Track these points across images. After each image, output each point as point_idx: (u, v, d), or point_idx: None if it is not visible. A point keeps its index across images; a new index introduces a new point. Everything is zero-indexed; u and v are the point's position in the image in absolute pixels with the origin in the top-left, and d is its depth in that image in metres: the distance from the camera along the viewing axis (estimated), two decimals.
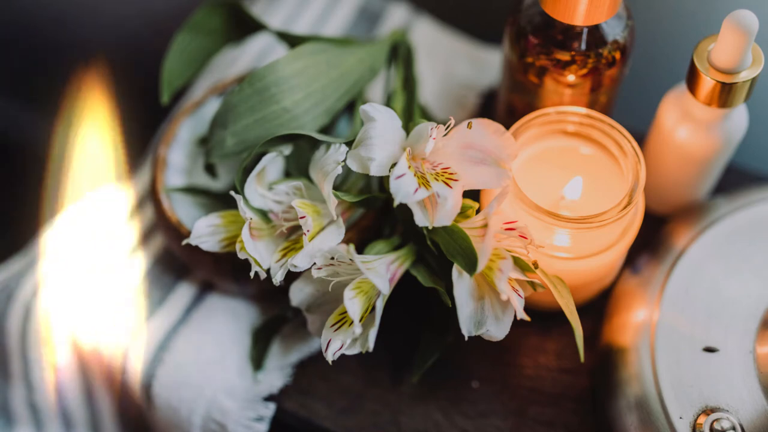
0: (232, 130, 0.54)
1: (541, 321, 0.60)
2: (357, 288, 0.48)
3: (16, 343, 0.63)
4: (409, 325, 0.59)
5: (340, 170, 0.48)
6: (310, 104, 0.55)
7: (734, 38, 0.49)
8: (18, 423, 0.66)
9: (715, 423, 0.49)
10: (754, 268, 0.55)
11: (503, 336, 0.48)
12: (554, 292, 0.49)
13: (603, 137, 0.54)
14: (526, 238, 0.48)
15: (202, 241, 0.52)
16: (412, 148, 0.49)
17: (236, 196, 0.50)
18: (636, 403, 0.53)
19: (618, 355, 0.55)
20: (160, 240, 0.64)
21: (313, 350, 0.59)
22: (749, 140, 0.60)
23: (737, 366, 0.51)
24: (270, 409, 0.57)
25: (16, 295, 0.62)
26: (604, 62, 0.54)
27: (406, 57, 0.65)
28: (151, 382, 0.58)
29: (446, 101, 0.70)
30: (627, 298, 0.58)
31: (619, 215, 0.50)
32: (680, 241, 0.57)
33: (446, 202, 0.46)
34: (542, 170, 0.56)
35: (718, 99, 0.52)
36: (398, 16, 0.75)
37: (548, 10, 0.52)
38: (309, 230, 0.49)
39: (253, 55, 0.72)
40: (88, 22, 0.90)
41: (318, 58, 0.56)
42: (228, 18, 0.60)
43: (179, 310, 0.61)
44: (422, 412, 0.57)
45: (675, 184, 0.60)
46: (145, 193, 0.67)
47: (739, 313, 0.53)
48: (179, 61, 0.60)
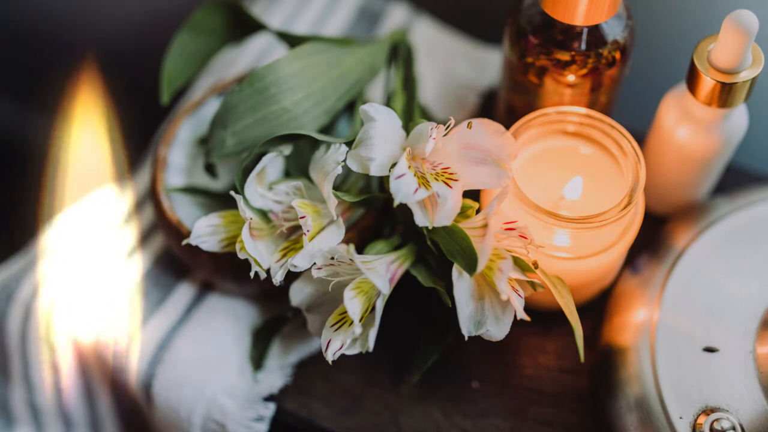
0: (232, 130, 0.54)
1: (541, 321, 0.60)
2: (357, 288, 0.48)
3: (16, 343, 0.63)
4: (409, 325, 0.59)
5: (340, 170, 0.48)
6: (310, 104, 0.55)
7: (734, 38, 0.49)
8: (18, 423, 0.66)
9: (715, 423, 0.49)
10: (754, 268, 0.55)
11: (503, 336, 0.48)
12: (554, 292, 0.49)
13: (603, 137, 0.54)
14: (526, 238, 0.48)
15: (202, 241, 0.52)
16: (412, 148, 0.49)
17: (236, 196, 0.50)
18: (636, 403, 0.53)
19: (618, 355, 0.55)
20: (160, 240, 0.64)
21: (313, 350, 0.59)
22: (749, 140, 0.60)
23: (737, 366, 0.51)
24: (270, 409, 0.57)
25: (16, 295, 0.62)
26: (604, 62, 0.54)
27: (406, 57, 0.65)
28: (151, 381, 0.58)
29: (446, 101, 0.70)
30: (627, 298, 0.58)
31: (619, 215, 0.50)
32: (680, 241, 0.57)
33: (446, 202, 0.46)
34: (542, 170, 0.56)
35: (718, 99, 0.52)
36: (398, 16, 0.75)
37: (548, 10, 0.52)
38: (309, 230, 0.49)
39: (253, 55, 0.72)
40: (88, 22, 0.90)
41: (318, 58, 0.56)
42: (228, 18, 0.60)
43: (179, 310, 0.61)
44: (422, 412, 0.57)
45: (675, 184, 0.60)
46: (145, 193, 0.67)
47: (739, 313, 0.53)
48: (179, 61, 0.60)
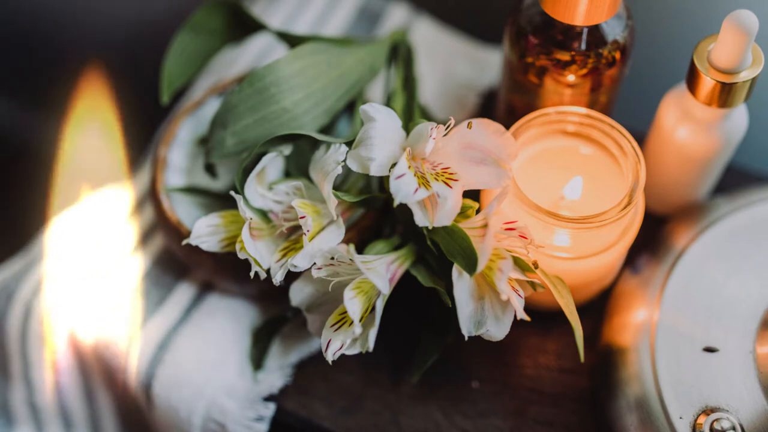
0: (232, 130, 0.54)
1: (541, 321, 0.60)
2: (357, 288, 0.48)
3: (16, 343, 0.63)
4: (409, 325, 0.59)
5: (340, 170, 0.48)
6: (310, 104, 0.55)
7: (734, 38, 0.49)
8: (18, 423, 0.66)
9: (715, 423, 0.49)
10: (754, 268, 0.55)
11: (503, 336, 0.48)
12: (554, 292, 0.49)
13: (603, 137, 0.54)
14: (526, 238, 0.48)
15: (202, 241, 0.52)
16: (412, 148, 0.49)
17: (236, 196, 0.50)
18: (636, 403, 0.53)
19: (618, 355, 0.55)
20: (160, 240, 0.64)
21: (313, 350, 0.59)
22: (749, 140, 0.60)
23: (737, 366, 0.51)
24: (270, 409, 0.57)
25: (16, 295, 0.62)
26: (604, 62, 0.54)
27: (406, 57, 0.65)
28: (151, 381, 0.58)
29: (446, 101, 0.70)
30: (627, 298, 0.58)
31: (619, 215, 0.50)
32: (680, 241, 0.57)
33: (446, 202, 0.46)
34: (542, 170, 0.56)
35: (718, 99, 0.52)
36: (398, 16, 0.75)
37: (548, 10, 0.52)
38: (309, 230, 0.49)
39: (253, 55, 0.72)
40: (88, 22, 0.90)
41: (318, 58, 0.56)
42: (228, 18, 0.60)
43: (179, 310, 0.61)
44: (422, 412, 0.57)
45: (675, 184, 0.60)
46: (145, 193, 0.67)
47: (739, 313, 0.53)
48: (179, 61, 0.60)
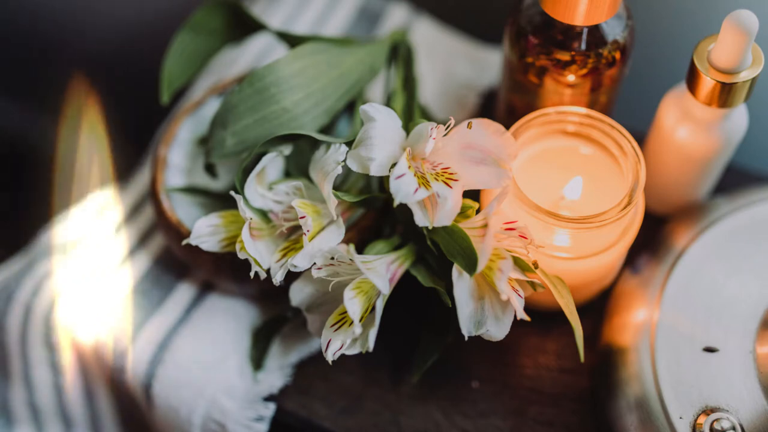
0: (232, 130, 0.54)
1: (541, 321, 0.60)
2: (357, 288, 0.48)
3: (16, 343, 0.63)
4: (409, 325, 0.59)
5: (340, 170, 0.48)
6: (310, 104, 0.55)
7: (734, 38, 0.49)
8: (18, 423, 0.66)
9: (715, 423, 0.49)
10: (754, 268, 0.55)
11: (503, 336, 0.48)
12: (554, 292, 0.49)
13: (603, 137, 0.54)
14: (526, 238, 0.48)
15: (202, 241, 0.52)
16: (412, 148, 0.49)
17: (236, 196, 0.50)
18: (636, 403, 0.53)
19: (618, 355, 0.55)
20: (160, 240, 0.64)
21: (313, 350, 0.59)
22: (749, 140, 0.60)
23: (737, 366, 0.51)
24: (270, 409, 0.57)
25: (16, 295, 0.62)
26: (604, 62, 0.54)
27: (406, 57, 0.65)
28: (151, 382, 0.58)
29: (446, 101, 0.70)
30: (627, 298, 0.58)
31: (619, 215, 0.50)
32: (680, 241, 0.57)
33: (446, 202, 0.46)
34: (542, 170, 0.56)
35: (718, 99, 0.52)
36: (398, 16, 0.75)
37: (548, 10, 0.52)
38: (309, 230, 0.49)
39: (253, 55, 0.72)
40: (88, 22, 0.90)
41: (318, 58, 0.56)
42: (228, 18, 0.60)
43: (179, 310, 0.61)
44: (422, 412, 0.57)
45: (675, 184, 0.60)
46: (145, 193, 0.67)
47: (739, 313, 0.53)
48: (179, 61, 0.60)
